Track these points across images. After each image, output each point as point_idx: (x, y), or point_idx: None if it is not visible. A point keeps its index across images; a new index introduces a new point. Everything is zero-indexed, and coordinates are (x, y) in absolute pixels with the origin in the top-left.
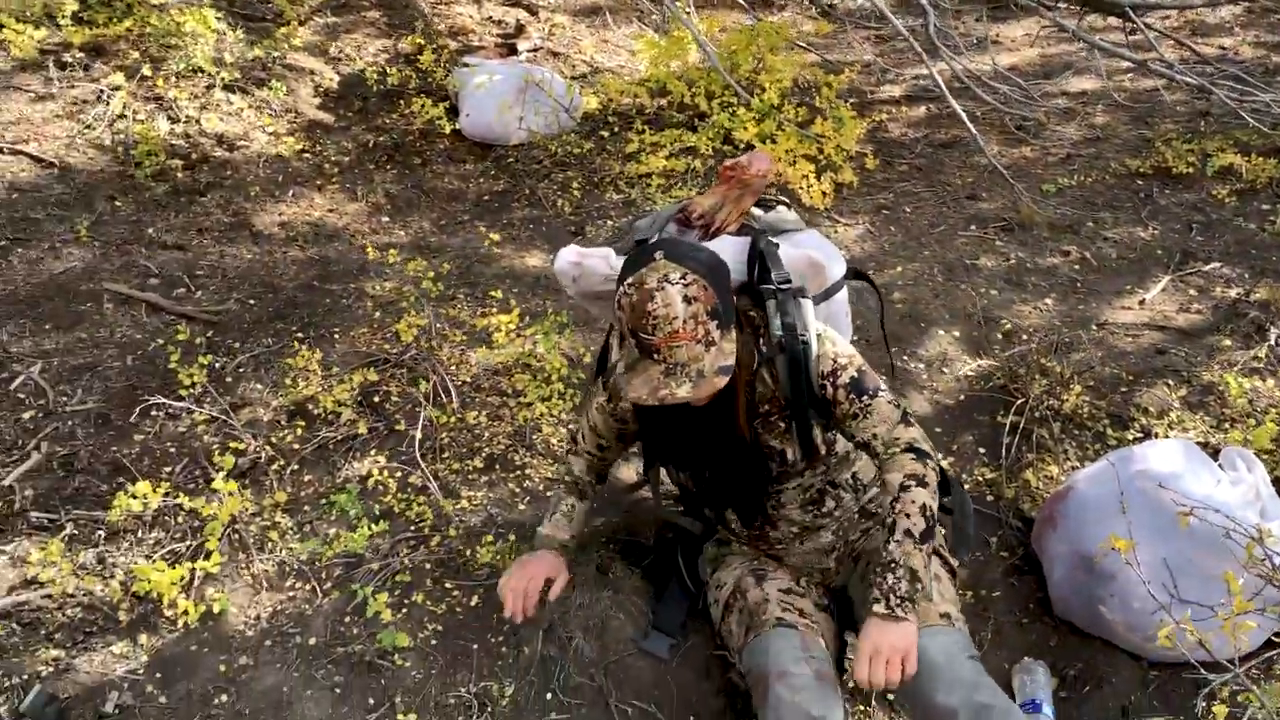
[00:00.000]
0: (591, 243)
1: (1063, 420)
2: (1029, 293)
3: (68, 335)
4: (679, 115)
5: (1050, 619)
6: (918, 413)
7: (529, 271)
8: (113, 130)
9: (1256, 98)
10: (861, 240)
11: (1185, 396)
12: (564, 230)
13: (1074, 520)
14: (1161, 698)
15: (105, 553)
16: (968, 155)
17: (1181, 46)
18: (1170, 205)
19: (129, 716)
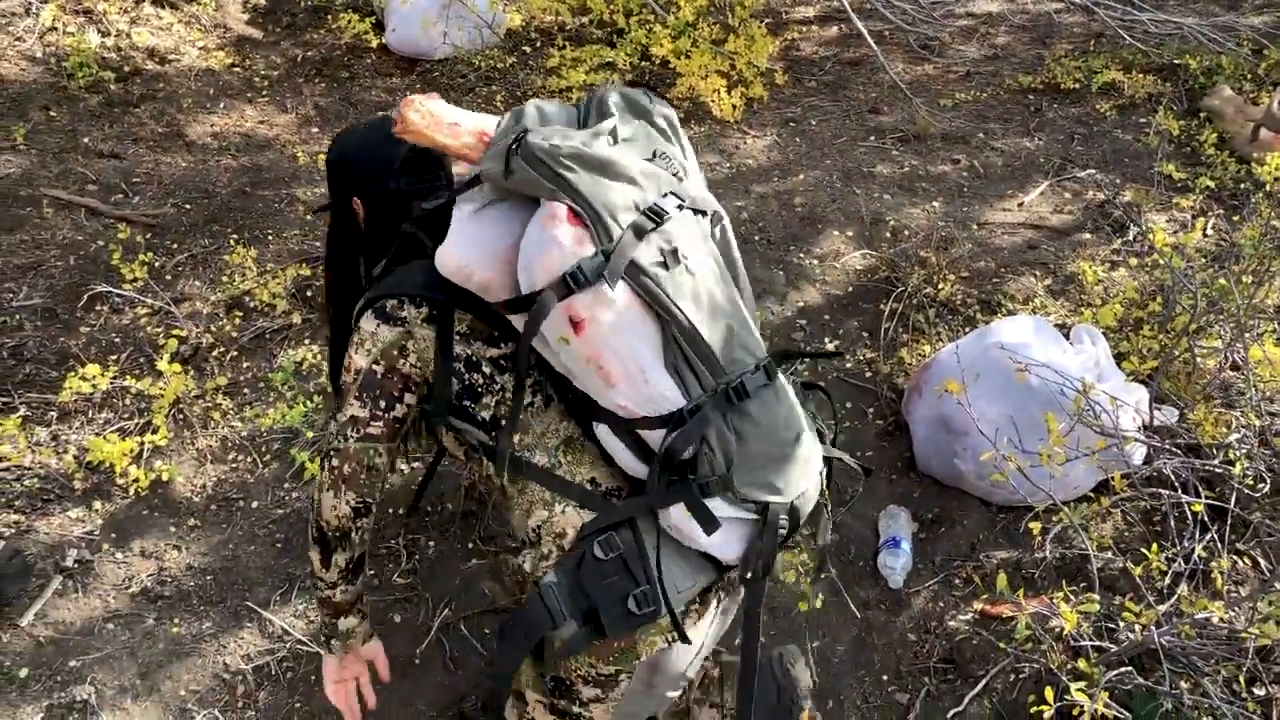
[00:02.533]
0: None
1: (937, 306)
2: (919, 197)
3: (10, 237)
4: (598, 32)
5: (915, 475)
6: (809, 303)
7: None
8: (43, 42)
9: (1137, 18)
10: (768, 150)
11: (1049, 285)
12: None
13: (935, 386)
14: (1005, 535)
15: (58, 431)
16: (873, 73)
17: None
18: (1056, 118)
19: (88, 570)
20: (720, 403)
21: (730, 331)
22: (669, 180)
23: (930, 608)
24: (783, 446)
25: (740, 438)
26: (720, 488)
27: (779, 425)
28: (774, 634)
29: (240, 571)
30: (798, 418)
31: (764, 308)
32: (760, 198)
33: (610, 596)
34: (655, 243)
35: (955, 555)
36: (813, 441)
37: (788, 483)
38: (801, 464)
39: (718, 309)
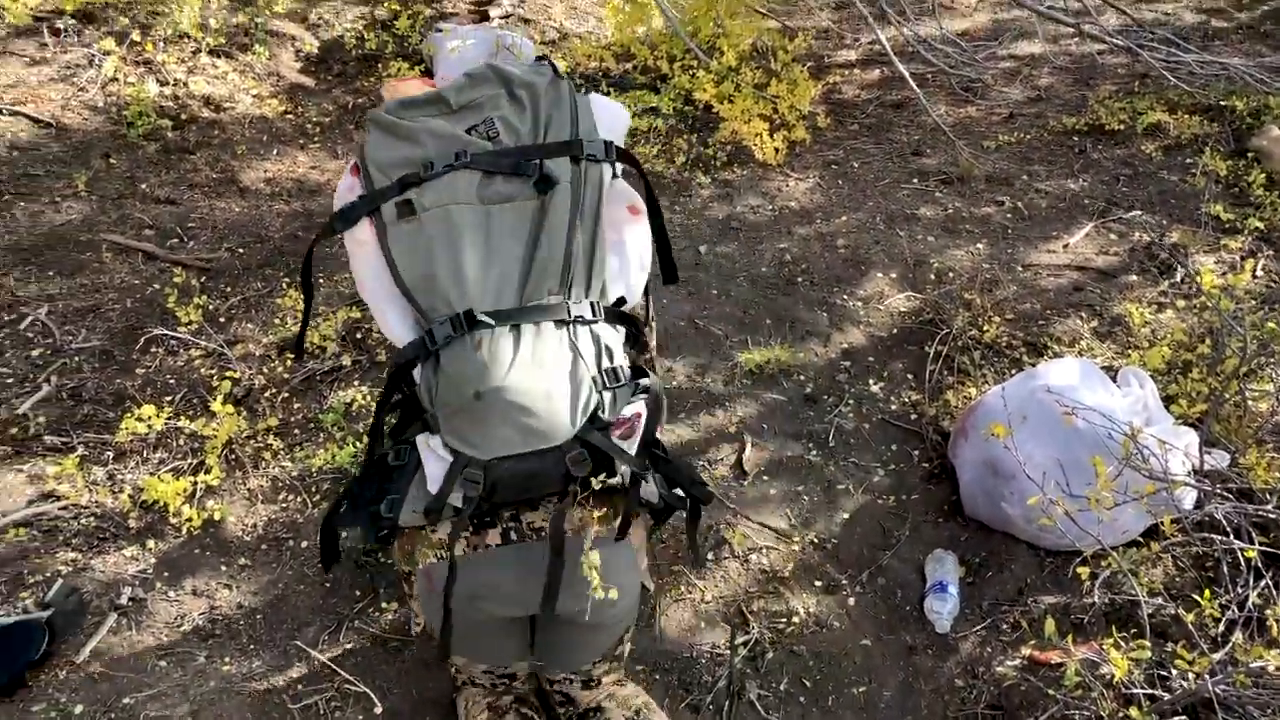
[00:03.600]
0: None
1: (983, 348)
2: (962, 239)
3: (70, 281)
4: (642, 77)
5: (961, 518)
6: (853, 345)
7: None
8: (105, 92)
9: (1183, 59)
10: (811, 192)
11: (1095, 327)
12: None
13: (981, 429)
14: (1054, 580)
15: (114, 470)
16: (916, 115)
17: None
18: (1101, 159)
19: (141, 608)
20: (417, 346)
21: (434, 281)
22: (465, 143)
23: (978, 653)
24: (464, 401)
25: (436, 383)
26: (435, 426)
27: (463, 380)
28: (819, 678)
29: (289, 611)
30: (489, 379)
31: (808, 349)
32: (803, 240)
33: (378, 495)
34: (409, 195)
35: (1003, 600)
36: (543, 413)
37: (478, 439)
38: (502, 426)
39: (432, 259)
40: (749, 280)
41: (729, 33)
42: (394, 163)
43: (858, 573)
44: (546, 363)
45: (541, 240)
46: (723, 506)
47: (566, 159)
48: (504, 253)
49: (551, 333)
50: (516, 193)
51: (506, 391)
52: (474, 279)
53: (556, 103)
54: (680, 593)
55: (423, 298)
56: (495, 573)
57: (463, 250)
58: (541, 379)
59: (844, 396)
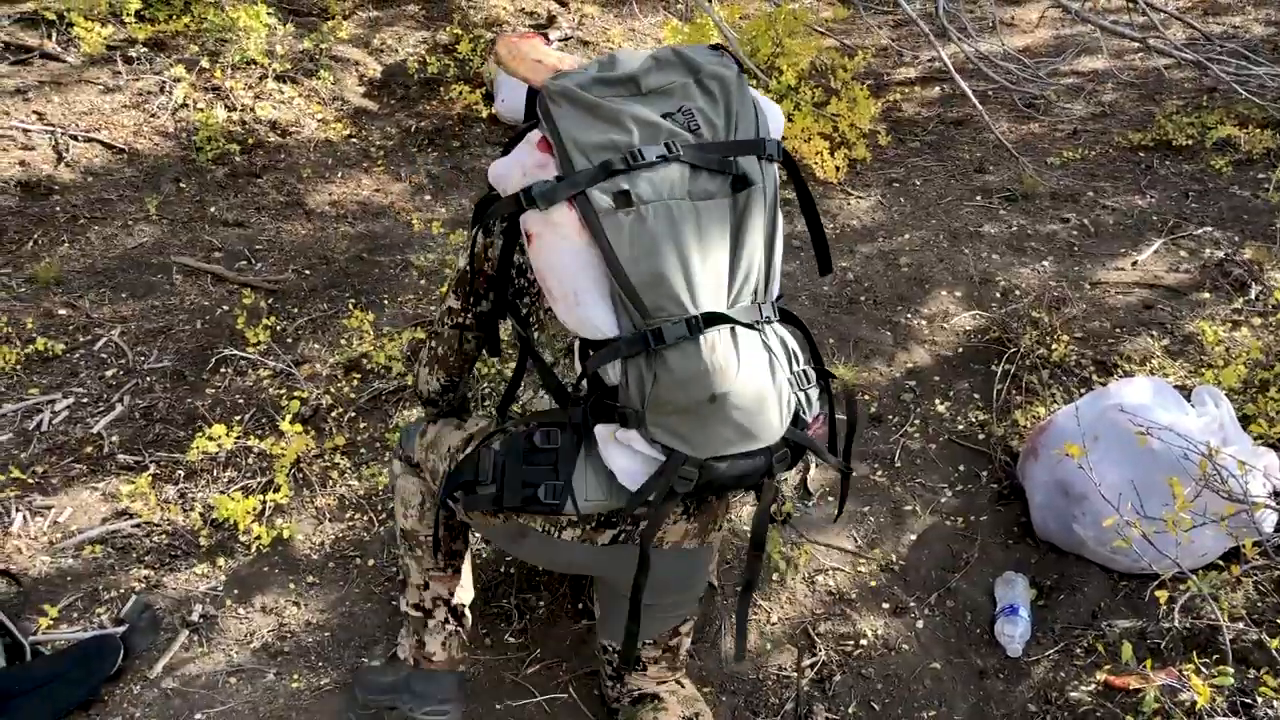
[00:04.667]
0: None
1: (1051, 367)
2: (1028, 256)
3: (142, 302)
4: None
5: (1031, 540)
6: (918, 364)
7: None
8: (175, 118)
9: (1253, 72)
10: (872, 211)
11: (1167, 346)
12: None
13: (1052, 449)
14: (1129, 603)
15: (186, 489)
16: (978, 132)
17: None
18: (1169, 175)
19: (212, 624)
20: (638, 342)
21: (662, 280)
22: (672, 132)
23: (1051, 678)
24: (693, 402)
25: (656, 381)
26: (636, 421)
27: (690, 380)
28: (887, 701)
29: (357, 628)
30: (723, 382)
31: (872, 369)
32: (865, 258)
33: (530, 478)
34: (620, 183)
35: (1076, 623)
36: (759, 415)
37: (699, 439)
38: (723, 427)
39: (660, 256)
40: (811, 299)
41: (788, 52)
42: (597, 145)
43: (926, 595)
44: (756, 366)
45: (744, 242)
46: (787, 527)
47: (754, 158)
48: (715, 253)
49: (753, 335)
50: (717, 190)
51: (735, 396)
52: (700, 279)
53: (743, 98)
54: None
55: (648, 295)
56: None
57: (687, 248)
58: (756, 382)
59: (909, 416)
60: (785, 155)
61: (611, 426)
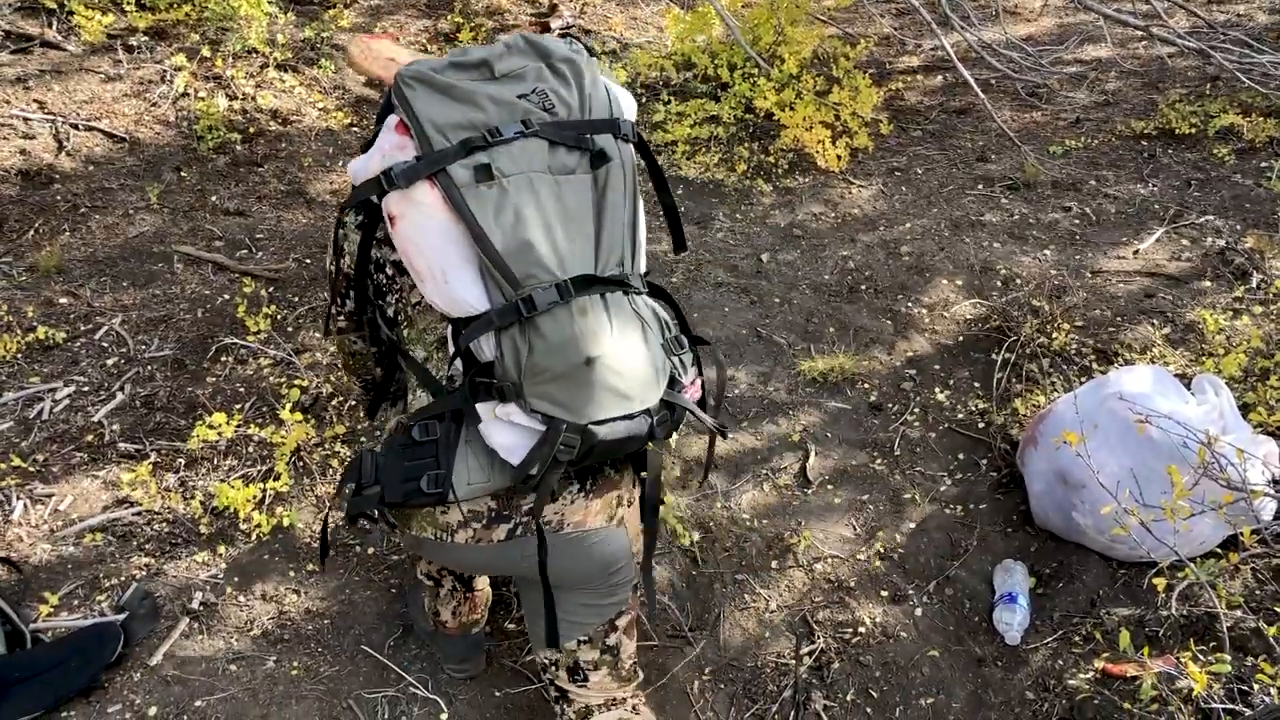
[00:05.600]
0: None
1: (1051, 356)
2: (1029, 245)
3: (143, 291)
4: (703, 86)
5: (1030, 528)
6: (919, 352)
7: None
8: (176, 107)
9: (1256, 60)
10: (874, 199)
11: (1168, 334)
12: None
13: (1051, 438)
14: (1127, 591)
15: (186, 477)
16: (980, 121)
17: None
18: (1171, 164)
19: (212, 612)
20: (510, 313)
21: (530, 248)
22: (526, 111)
23: (1049, 665)
24: (569, 366)
25: (531, 350)
26: (514, 394)
27: (565, 344)
28: (885, 689)
29: (356, 616)
30: (597, 345)
31: (872, 357)
32: (866, 247)
33: (410, 473)
34: (480, 159)
35: (1075, 611)
36: (635, 377)
37: (580, 405)
38: (600, 390)
39: (525, 225)
40: (812, 288)
41: (790, 40)
42: (455, 124)
43: (925, 583)
44: (629, 331)
45: (605, 214)
46: (786, 515)
47: (610, 136)
48: (580, 221)
49: (623, 302)
50: (576, 165)
51: (609, 357)
52: (566, 246)
53: (594, 81)
54: (744, 602)
55: (516, 264)
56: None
57: (550, 216)
58: (630, 345)
59: (909, 405)
60: (639, 138)
61: (491, 404)
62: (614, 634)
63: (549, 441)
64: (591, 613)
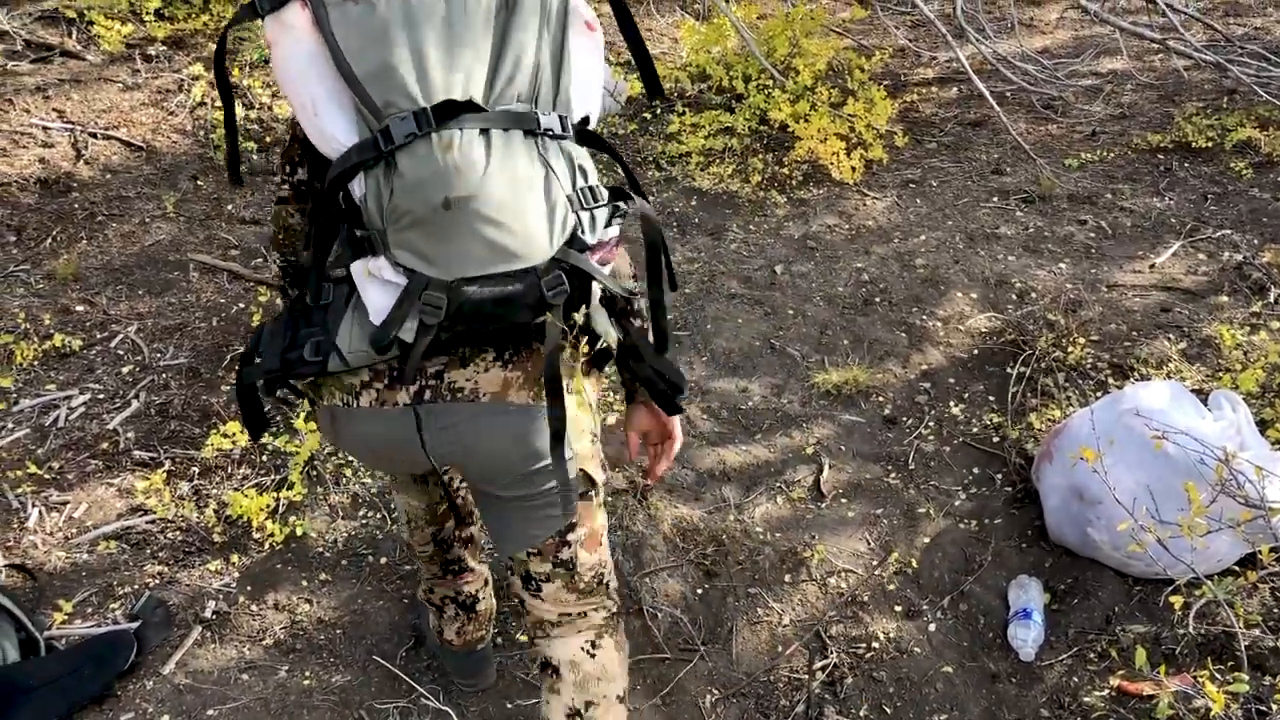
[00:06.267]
0: None
1: (1067, 370)
2: (1045, 258)
3: (159, 299)
4: (717, 97)
5: (1046, 544)
6: (933, 365)
7: None
8: (193, 116)
9: (1273, 73)
10: (888, 211)
11: (1184, 349)
12: None
13: (1067, 453)
14: (1143, 608)
15: (200, 485)
16: (995, 133)
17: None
18: (1188, 177)
19: (225, 621)
20: (369, 147)
21: (391, 71)
22: None
23: (1064, 682)
24: (428, 209)
25: (391, 192)
26: (381, 245)
27: (423, 183)
28: (899, 704)
29: (369, 626)
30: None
31: (886, 370)
32: (881, 259)
33: (299, 340)
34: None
35: (1090, 628)
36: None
37: (442, 256)
38: (469, 241)
39: (388, 45)
40: (826, 300)
41: (804, 52)
42: None
43: (939, 598)
44: (520, 174)
45: (510, 38)
46: (800, 528)
47: None
48: (469, 46)
49: (521, 143)
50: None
51: (479, 201)
52: (439, 71)
53: None
54: (757, 615)
55: (377, 90)
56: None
57: (425, 37)
58: (517, 191)
59: (924, 418)
60: None
61: (365, 259)
62: (566, 549)
63: (407, 299)
64: (533, 523)
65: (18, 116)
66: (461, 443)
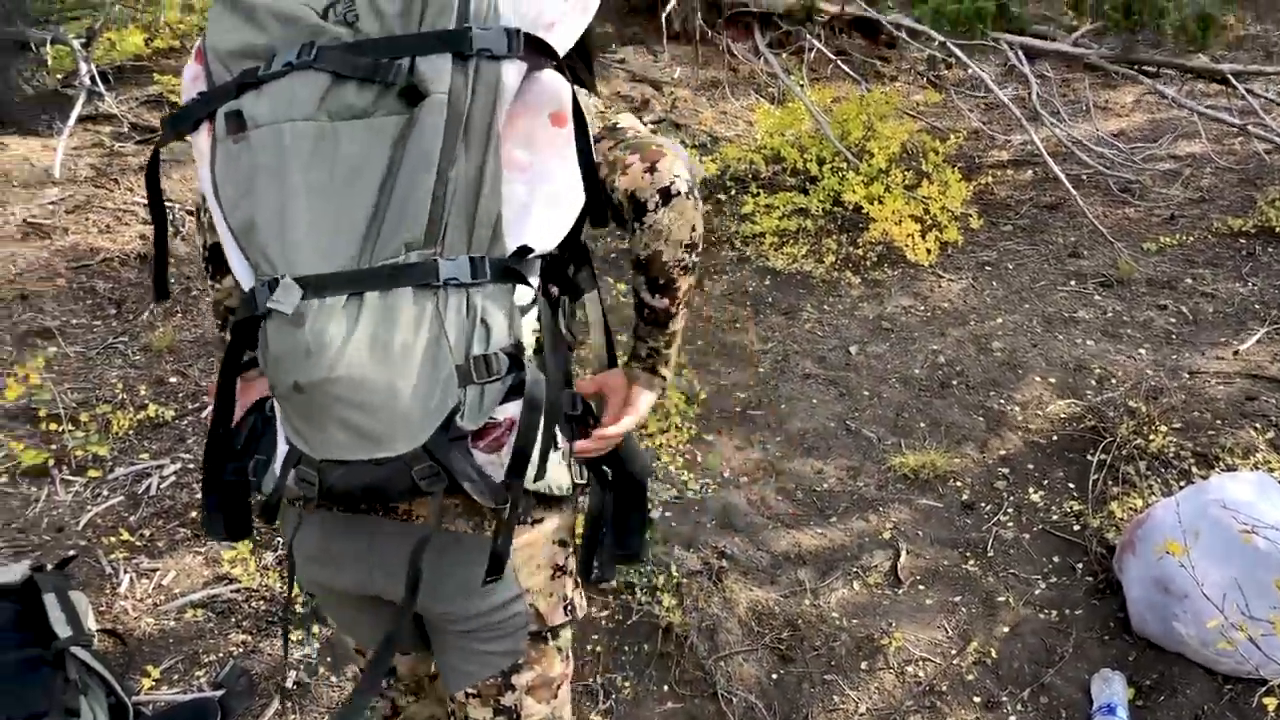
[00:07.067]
0: (708, 295)
1: (1149, 458)
2: (1124, 344)
3: None
4: (792, 179)
5: (1129, 636)
6: (1011, 451)
7: None
8: None
9: None
10: (964, 294)
11: (1272, 439)
12: None
13: (1151, 544)
14: (1234, 708)
15: (284, 556)
16: (1071, 216)
17: None
18: (1272, 262)
19: (305, 692)
20: (248, 304)
21: (253, 229)
22: (315, 30)
23: None
24: (286, 389)
25: (264, 360)
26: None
27: (278, 361)
28: None
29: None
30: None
31: (963, 454)
32: (957, 341)
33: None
34: (238, 104)
35: None
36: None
37: (309, 435)
38: (330, 425)
39: (254, 197)
40: (901, 381)
41: (879, 135)
42: (234, 51)
43: (1019, 690)
44: (394, 346)
45: (400, 173)
46: (876, 614)
47: (448, 56)
48: (350, 192)
49: (408, 304)
50: (374, 105)
51: (334, 384)
52: (304, 229)
53: None
54: (833, 703)
55: (248, 249)
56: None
57: (294, 187)
58: (384, 369)
59: (1002, 504)
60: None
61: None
62: (510, 693)
63: (284, 471)
64: (470, 658)
65: (121, 195)
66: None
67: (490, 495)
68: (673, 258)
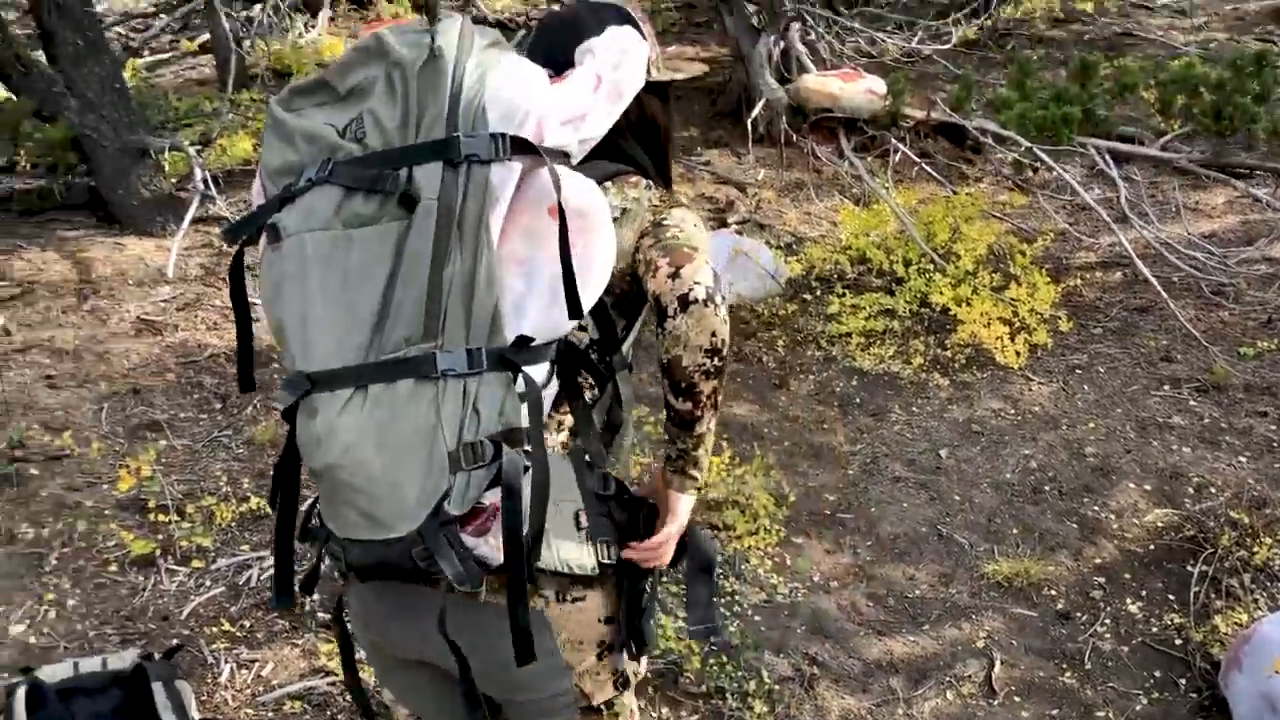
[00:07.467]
0: (795, 395)
1: (1253, 571)
2: (1222, 451)
3: None
4: (878, 280)
5: None
6: (1106, 560)
7: (736, 419)
8: None
9: None
10: (1054, 398)
11: None
12: (768, 383)
13: (1259, 660)
14: None
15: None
16: (1163, 319)
17: None
18: None
19: None
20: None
21: (281, 330)
22: (333, 147)
23: None
24: (310, 473)
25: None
26: None
27: (304, 449)
28: None
29: None
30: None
31: (1058, 562)
32: (1049, 446)
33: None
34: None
35: None
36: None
37: (329, 515)
38: (343, 506)
39: (282, 301)
40: (993, 486)
41: (965, 237)
42: (278, 170)
43: None
44: (393, 435)
45: (401, 274)
46: None
47: (439, 164)
48: (360, 293)
49: (408, 395)
50: (380, 212)
51: (340, 470)
52: (319, 329)
53: (433, 85)
54: None
55: (280, 346)
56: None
57: (312, 291)
58: (384, 456)
59: (1099, 615)
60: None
61: None
62: None
63: (316, 544)
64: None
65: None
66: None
67: (465, 578)
68: (693, 363)
